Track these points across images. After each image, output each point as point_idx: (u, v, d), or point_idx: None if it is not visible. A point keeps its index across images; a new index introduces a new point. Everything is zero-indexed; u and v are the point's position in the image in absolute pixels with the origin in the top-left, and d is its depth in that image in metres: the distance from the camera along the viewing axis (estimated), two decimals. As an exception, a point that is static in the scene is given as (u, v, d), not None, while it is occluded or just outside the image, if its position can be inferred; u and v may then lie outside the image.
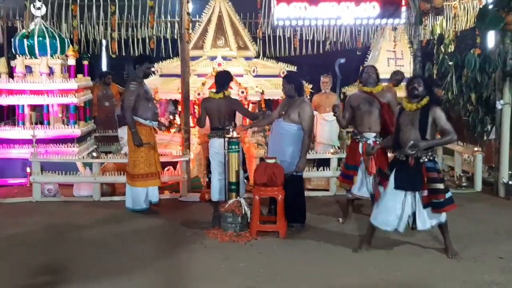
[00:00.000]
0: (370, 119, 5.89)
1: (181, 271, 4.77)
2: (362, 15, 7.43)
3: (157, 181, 6.63)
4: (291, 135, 5.82)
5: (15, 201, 7.16)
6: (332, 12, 7.38)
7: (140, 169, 6.49)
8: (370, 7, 7.38)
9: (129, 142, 6.55)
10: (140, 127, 6.46)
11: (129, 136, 6.50)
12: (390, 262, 4.92)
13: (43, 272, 4.69)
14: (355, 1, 7.33)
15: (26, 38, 8.36)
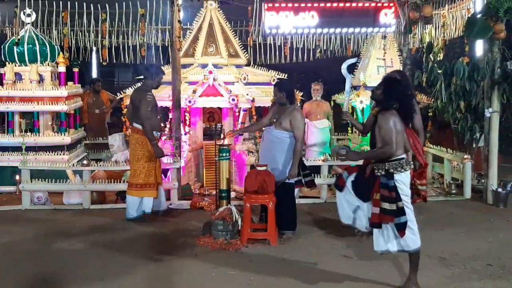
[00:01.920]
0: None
1: (171, 279, 4.75)
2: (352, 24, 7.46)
3: (153, 192, 6.55)
4: (282, 142, 5.83)
5: (4, 209, 7.10)
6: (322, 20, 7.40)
7: (140, 179, 6.47)
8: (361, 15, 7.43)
9: (134, 151, 6.48)
10: (139, 135, 6.44)
11: (138, 146, 6.43)
12: (380, 270, 4.93)
13: (33, 281, 4.66)
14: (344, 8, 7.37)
15: (16, 45, 8.33)
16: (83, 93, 9.76)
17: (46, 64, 8.45)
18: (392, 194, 4.37)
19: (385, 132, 4.35)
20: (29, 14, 8.65)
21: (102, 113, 10.65)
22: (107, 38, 9.18)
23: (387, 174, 4.39)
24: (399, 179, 4.39)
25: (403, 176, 4.40)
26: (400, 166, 4.39)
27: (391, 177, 4.38)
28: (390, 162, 4.39)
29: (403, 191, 4.41)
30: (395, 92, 4.47)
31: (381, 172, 4.42)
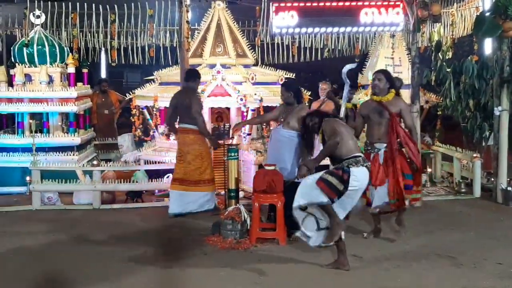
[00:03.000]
0: (380, 130, 5.62)
1: (181, 278, 4.77)
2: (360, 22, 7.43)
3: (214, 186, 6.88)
4: (290, 142, 5.82)
5: (15, 210, 7.16)
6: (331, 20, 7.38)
7: (207, 174, 6.73)
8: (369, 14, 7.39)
9: (195, 151, 6.66)
10: (194, 134, 6.65)
11: (197, 145, 6.68)
12: (389, 269, 4.92)
13: (43, 281, 4.69)
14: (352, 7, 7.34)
15: (26, 47, 8.40)
16: (92, 94, 9.82)
17: (55, 65, 8.52)
18: (344, 176, 4.69)
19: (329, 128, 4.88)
20: (38, 16, 8.73)
21: (111, 113, 10.71)
22: (116, 39, 9.24)
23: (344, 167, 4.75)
24: (354, 171, 4.70)
25: (358, 170, 4.72)
26: (356, 161, 4.75)
27: (348, 168, 4.72)
28: (348, 159, 4.75)
29: (353, 184, 4.69)
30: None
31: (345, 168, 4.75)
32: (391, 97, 5.62)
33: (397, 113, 5.58)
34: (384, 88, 5.64)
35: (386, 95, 5.62)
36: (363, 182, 4.81)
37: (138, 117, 8.79)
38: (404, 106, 5.68)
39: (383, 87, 5.63)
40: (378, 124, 5.63)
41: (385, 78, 5.66)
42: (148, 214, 6.96)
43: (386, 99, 5.61)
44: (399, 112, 5.60)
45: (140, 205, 7.44)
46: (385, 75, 5.71)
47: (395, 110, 5.57)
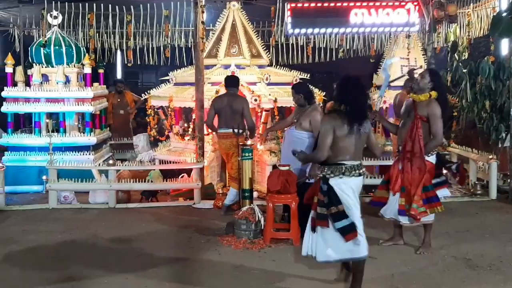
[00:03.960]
0: (404, 132, 5.28)
1: (195, 278, 4.79)
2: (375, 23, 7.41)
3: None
4: (302, 143, 5.82)
5: (31, 208, 7.24)
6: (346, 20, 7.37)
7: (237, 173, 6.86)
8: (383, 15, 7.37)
9: (235, 152, 6.77)
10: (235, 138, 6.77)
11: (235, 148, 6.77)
12: (404, 271, 4.90)
13: (59, 279, 4.73)
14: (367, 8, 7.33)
15: (43, 47, 8.49)
16: (108, 94, 9.91)
17: (72, 66, 8.60)
18: (324, 199, 4.15)
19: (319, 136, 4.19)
20: (55, 16, 8.82)
21: (127, 114, 10.79)
22: (131, 40, 9.32)
23: (323, 178, 4.20)
24: (334, 184, 4.14)
25: (339, 182, 4.14)
26: (337, 171, 4.13)
27: (325, 181, 4.17)
28: (328, 165, 4.17)
29: (343, 197, 4.15)
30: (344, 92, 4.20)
31: (320, 175, 4.25)
32: (424, 98, 5.16)
33: (424, 117, 5.13)
34: (423, 87, 5.19)
35: (420, 95, 5.20)
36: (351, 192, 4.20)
37: (153, 117, 8.84)
38: (434, 110, 5.11)
39: (422, 85, 5.19)
40: (404, 125, 5.32)
41: (429, 76, 5.21)
42: (163, 213, 7.00)
43: (418, 99, 5.19)
44: (427, 116, 5.12)
45: (155, 204, 7.49)
46: (430, 73, 5.29)
47: (422, 113, 5.14)
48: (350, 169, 4.16)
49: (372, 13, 7.22)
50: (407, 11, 7.32)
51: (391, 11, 7.28)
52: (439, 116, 5.12)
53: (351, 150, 4.16)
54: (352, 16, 7.22)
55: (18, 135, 8.53)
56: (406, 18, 7.34)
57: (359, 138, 4.18)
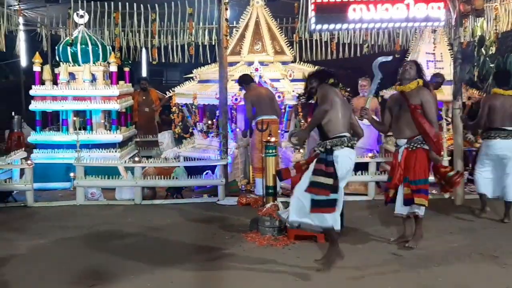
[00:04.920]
0: (398, 124, 5.28)
1: (220, 274, 4.81)
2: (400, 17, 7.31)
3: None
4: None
5: (59, 205, 7.37)
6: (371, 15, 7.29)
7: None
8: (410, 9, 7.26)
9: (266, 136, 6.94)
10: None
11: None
12: (431, 267, 4.85)
13: (87, 274, 4.81)
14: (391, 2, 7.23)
15: (70, 46, 8.61)
16: (133, 92, 10.01)
17: (98, 64, 8.70)
18: (328, 169, 4.53)
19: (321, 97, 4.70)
20: (82, 15, 8.94)
21: (152, 111, 10.89)
22: (156, 38, 9.39)
23: (327, 151, 4.62)
24: (337, 154, 4.59)
25: (341, 153, 4.61)
26: (341, 142, 4.62)
27: (330, 152, 4.60)
28: (332, 139, 4.62)
29: (341, 169, 4.60)
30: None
31: (321, 149, 4.65)
32: (413, 86, 5.17)
33: (419, 105, 5.12)
34: (411, 77, 5.22)
35: (407, 84, 5.20)
36: (348, 163, 4.70)
37: (177, 115, 8.90)
38: (427, 97, 5.14)
39: (410, 76, 5.22)
40: (397, 117, 5.29)
41: (412, 67, 5.27)
42: (187, 210, 7.06)
43: (408, 88, 5.19)
44: (421, 104, 5.11)
45: (180, 201, 7.56)
46: (415, 64, 5.34)
47: (416, 101, 5.13)
48: (349, 139, 4.69)
49: (398, 8, 7.13)
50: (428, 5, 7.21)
51: (418, 6, 7.18)
52: (432, 102, 5.19)
53: (345, 123, 4.70)
54: (378, 12, 7.15)
55: (46, 133, 8.66)
56: (432, 12, 7.24)
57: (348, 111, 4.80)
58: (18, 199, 7.47)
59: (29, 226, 6.39)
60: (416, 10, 7.18)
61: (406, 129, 5.22)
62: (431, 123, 5.11)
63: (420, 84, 5.20)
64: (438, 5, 7.17)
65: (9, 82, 16.73)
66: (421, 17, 7.22)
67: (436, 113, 7.79)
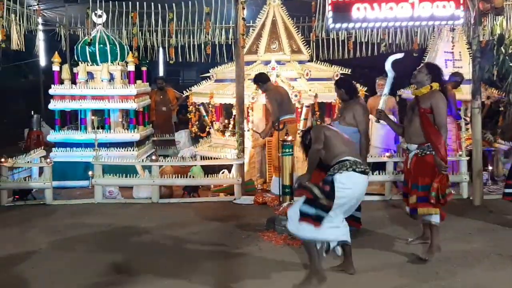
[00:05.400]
0: (409, 128, 5.16)
1: (237, 273, 4.82)
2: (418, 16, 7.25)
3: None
4: (346, 138, 5.79)
5: (78, 203, 7.45)
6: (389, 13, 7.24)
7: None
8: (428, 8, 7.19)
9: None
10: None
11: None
12: (450, 269, 4.81)
13: (105, 272, 4.86)
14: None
15: (88, 45, 8.70)
16: (150, 92, 10.07)
17: (116, 63, 8.77)
18: (325, 187, 4.41)
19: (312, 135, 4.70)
20: (100, 15, 9.02)
21: (169, 110, 10.95)
22: (173, 37, 9.43)
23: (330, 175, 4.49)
24: (339, 178, 4.40)
25: (345, 176, 4.41)
26: (341, 167, 4.43)
27: (332, 175, 4.46)
28: (334, 165, 4.48)
29: (341, 193, 4.38)
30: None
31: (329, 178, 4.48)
32: (425, 90, 5.02)
33: (428, 109, 4.97)
34: (421, 80, 5.08)
35: (420, 88, 5.07)
36: (355, 187, 4.45)
37: (194, 114, 8.93)
38: (437, 101, 4.95)
39: (420, 79, 5.09)
40: (409, 121, 5.16)
41: (426, 69, 5.10)
42: (204, 208, 7.09)
43: (420, 93, 5.06)
44: (430, 108, 4.95)
45: (197, 199, 7.59)
46: (426, 66, 5.18)
47: (426, 105, 4.97)
48: (353, 164, 4.46)
49: (417, 7, 7.07)
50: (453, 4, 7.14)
51: (436, 4, 7.11)
52: (442, 106, 4.97)
53: (345, 149, 4.59)
54: (397, 10, 7.10)
55: (65, 131, 8.76)
56: (450, 11, 7.17)
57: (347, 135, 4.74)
58: (37, 197, 7.56)
59: (48, 223, 6.47)
60: (436, 8, 7.11)
61: (417, 134, 5.10)
62: (439, 128, 4.98)
63: (434, 88, 5.03)
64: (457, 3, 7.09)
65: (28, 82, 16.95)
66: (440, 16, 7.14)
67: (455, 111, 7.76)
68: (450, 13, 7.15)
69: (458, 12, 7.14)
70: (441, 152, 4.97)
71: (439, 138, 4.97)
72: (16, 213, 6.95)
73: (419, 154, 5.08)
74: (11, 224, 6.44)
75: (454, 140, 8.02)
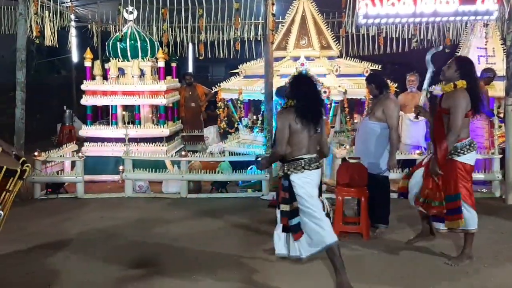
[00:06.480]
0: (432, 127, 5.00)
1: (264, 269, 4.83)
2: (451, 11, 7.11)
3: None
4: (375, 134, 5.73)
5: (108, 197, 7.57)
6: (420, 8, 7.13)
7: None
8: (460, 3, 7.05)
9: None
10: None
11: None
12: (481, 269, 4.73)
13: (134, 265, 4.94)
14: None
15: (119, 42, 8.80)
16: (180, 87, 10.14)
17: (146, 59, 8.86)
18: (285, 195, 4.28)
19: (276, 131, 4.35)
20: (131, 12, 9.12)
21: (198, 106, 11.01)
22: (203, 33, 9.46)
23: (284, 175, 4.29)
24: (294, 180, 4.24)
25: (300, 176, 4.23)
26: (297, 165, 4.23)
27: (287, 177, 4.28)
28: (288, 162, 4.28)
29: (301, 192, 4.23)
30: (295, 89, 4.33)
31: (280, 173, 4.35)
32: (449, 88, 4.71)
33: (446, 109, 4.69)
34: (450, 76, 4.76)
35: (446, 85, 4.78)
36: (311, 184, 4.27)
37: (223, 110, 8.97)
38: (456, 101, 4.62)
39: (448, 75, 4.78)
40: (434, 119, 4.94)
41: (455, 65, 4.76)
42: (232, 204, 7.12)
43: (444, 90, 4.79)
44: (448, 108, 4.67)
45: (225, 195, 7.63)
46: (456, 62, 4.81)
47: (445, 105, 4.71)
48: (309, 161, 4.25)
49: (449, 2, 6.94)
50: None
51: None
52: (459, 106, 4.60)
53: (305, 144, 4.26)
54: (427, 5, 6.98)
55: (96, 126, 8.90)
56: (484, 6, 7.02)
57: (313, 133, 4.28)
58: (69, 190, 7.71)
59: (79, 216, 6.60)
60: (469, 3, 6.96)
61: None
62: (448, 129, 4.67)
63: (459, 87, 4.67)
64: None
65: (61, 77, 17.27)
66: (473, 11, 7.00)
67: (488, 108, 7.59)
68: (483, 8, 7.00)
69: (492, 6, 6.99)
70: (439, 158, 4.65)
71: (442, 143, 4.65)
72: (49, 206, 7.11)
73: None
74: (43, 216, 6.59)
75: (487, 137, 7.87)
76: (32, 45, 12.67)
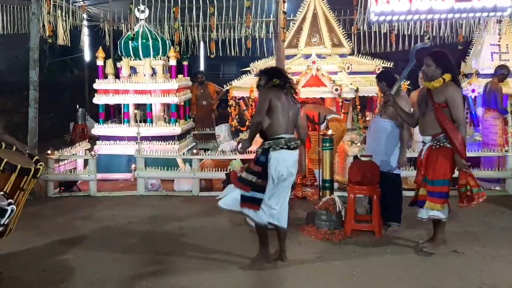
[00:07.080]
0: (424, 121, 5.02)
1: (276, 267, 4.82)
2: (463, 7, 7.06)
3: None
4: (386, 131, 5.71)
5: (121, 195, 7.62)
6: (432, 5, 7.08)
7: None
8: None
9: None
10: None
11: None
12: (495, 267, 4.70)
13: (147, 262, 4.96)
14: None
15: (131, 40, 8.83)
16: (191, 86, 10.16)
17: (158, 58, 8.89)
18: (258, 169, 4.56)
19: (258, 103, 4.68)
20: (142, 11, 9.15)
21: (209, 104, 11.03)
22: (214, 32, 9.47)
23: (264, 150, 4.58)
24: (273, 156, 4.53)
25: (280, 153, 4.54)
26: (278, 143, 4.54)
27: (265, 153, 4.56)
28: (270, 140, 4.58)
29: (273, 172, 4.52)
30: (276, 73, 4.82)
31: (259, 150, 4.62)
32: (438, 83, 4.83)
33: (443, 103, 4.81)
34: (433, 74, 4.88)
35: (431, 81, 4.89)
36: (288, 166, 4.57)
37: (234, 108, 8.97)
38: (452, 94, 4.77)
39: (431, 73, 4.90)
40: (423, 114, 5.01)
41: (433, 62, 4.87)
42: (244, 202, 7.11)
43: (432, 86, 4.88)
44: (445, 102, 4.80)
45: (237, 193, 7.62)
46: (433, 59, 4.90)
47: (440, 99, 4.81)
48: (289, 140, 4.58)
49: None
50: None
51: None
52: (457, 98, 4.79)
53: (284, 125, 4.59)
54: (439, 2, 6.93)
55: (109, 125, 8.94)
56: (496, 2, 6.96)
57: (292, 113, 4.66)
58: (82, 189, 7.77)
59: (92, 214, 6.64)
60: None
61: (430, 126, 4.95)
62: (456, 123, 4.81)
63: (447, 80, 4.83)
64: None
65: (73, 76, 17.39)
66: (486, 7, 6.95)
67: (501, 106, 7.52)
68: (496, 4, 6.94)
69: (506, 2, 6.92)
70: (460, 150, 4.76)
71: (457, 135, 4.76)
72: (62, 204, 7.17)
73: (433, 146, 4.92)
74: (57, 214, 6.64)
75: (500, 135, 7.80)
76: (45, 45, 12.78)
